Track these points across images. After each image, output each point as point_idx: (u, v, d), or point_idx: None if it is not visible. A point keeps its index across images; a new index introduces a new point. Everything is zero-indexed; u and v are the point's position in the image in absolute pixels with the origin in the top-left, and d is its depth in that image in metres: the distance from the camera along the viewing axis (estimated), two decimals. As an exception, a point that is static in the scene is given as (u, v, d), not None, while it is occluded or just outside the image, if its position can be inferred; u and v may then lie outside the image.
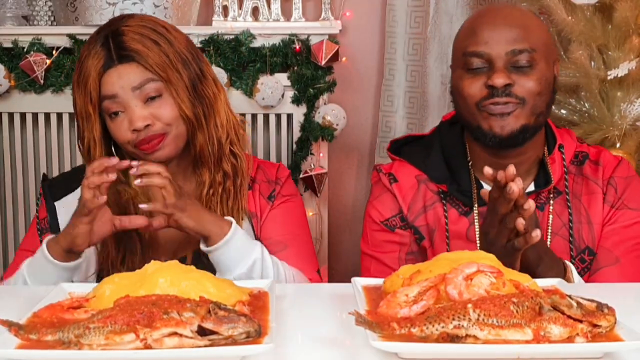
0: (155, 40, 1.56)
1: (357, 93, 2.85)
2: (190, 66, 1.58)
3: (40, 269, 1.50)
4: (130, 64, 1.54)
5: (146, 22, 1.59)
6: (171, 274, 1.15)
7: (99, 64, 1.54)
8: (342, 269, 2.83)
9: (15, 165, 2.61)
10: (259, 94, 2.48)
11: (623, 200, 1.64)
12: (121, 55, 1.54)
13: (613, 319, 1.06)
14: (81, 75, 1.56)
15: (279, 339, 1.08)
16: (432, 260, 1.26)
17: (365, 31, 2.82)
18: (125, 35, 1.55)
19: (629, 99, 2.26)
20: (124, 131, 1.55)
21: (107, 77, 1.54)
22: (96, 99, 1.54)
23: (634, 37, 2.22)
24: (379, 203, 1.71)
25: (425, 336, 1.03)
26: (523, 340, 1.02)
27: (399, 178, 1.70)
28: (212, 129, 1.60)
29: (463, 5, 2.66)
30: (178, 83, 1.56)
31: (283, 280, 1.57)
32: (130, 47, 1.54)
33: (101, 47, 1.55)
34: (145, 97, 1.55)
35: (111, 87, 1.54)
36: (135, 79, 1.54)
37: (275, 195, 1.69)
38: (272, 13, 2.60)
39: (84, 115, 1.57)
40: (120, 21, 1.59)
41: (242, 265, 1.53)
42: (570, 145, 1.70)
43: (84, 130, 1.58)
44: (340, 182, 2.88)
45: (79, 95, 1.56)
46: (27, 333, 1.03)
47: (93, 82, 1.53)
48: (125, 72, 1.54)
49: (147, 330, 0.99)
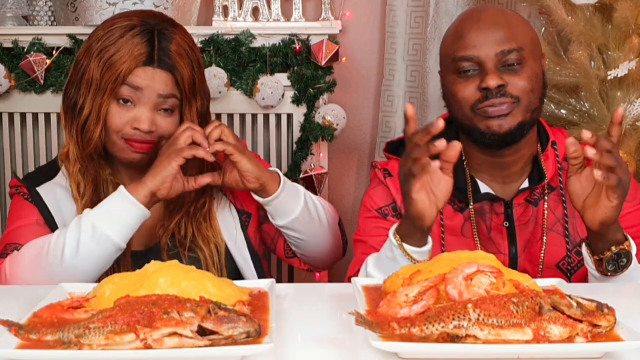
0: (191, 61, 1.62)
1: (357, 93, 2.85)
2: (205, 98, 1.68)
3: (119, 213, 1.51)
4: (167, 72, 1.59)
5: (188, 40, 1.65)
6: (171, 274, 1.15)
7: (140, 57, 1.57)
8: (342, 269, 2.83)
9: (16, 165, 2.61)
10: (259, 94, 2.48)
11: None
12: (162, 60, 1.58)
13: (613, 319, 1.07)
14: (109, 52, 1.57)
15: (279, 339, 1.08)
16: (432, 260, 1.26)
17: (365, 31, 2.82)
18: (171, 43, 1.60)
19: (629, 99, 2.26)
20: (123, 122, 1.58)
21: (142, 71, 1.58)
22: (120, 82, 1.57)
23: (634, 37, 2.22)
24: (374, 193, 1.74)
25: (425, 336, 1.03)
26: (523, 340, 1.02)
27: (393, 173, 1.72)
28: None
29: (463, 5, 2.65)
30: (194, 106, 1.63)
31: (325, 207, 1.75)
32: (173, 57, 1.59)
33: (146, 42, 1.58)
34: (160, 107, 1.60)
35: (141, 81, 1.58)
36: (165, 88, 1.59)
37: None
38: (272, 13, 2.60)
39: (95, 88, 1.57)
40: (166, 24, 1.63)
41: (299, 203, 1.66)
42: (563, 142, 1.70)
43: (84, 99, 1.59)
44: (340, 182, 2.88)
45: (96, 66, 1.58)
46: (27, 333, 1.03)
47: (127, 67, 1.56)
48: (159, 77, 1.59)
49: (147, 330, 0.99)
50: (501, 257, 1.63)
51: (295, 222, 1.67)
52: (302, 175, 2.56)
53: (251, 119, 2.58)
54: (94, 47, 1.59)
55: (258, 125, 2.59)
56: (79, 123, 1.60)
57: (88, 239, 1.49)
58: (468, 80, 1.59)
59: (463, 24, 1.63)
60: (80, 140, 1.62)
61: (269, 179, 1.60)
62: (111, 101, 1.58)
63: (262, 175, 1.58)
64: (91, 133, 1.59)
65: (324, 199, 1.82)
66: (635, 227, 1.63)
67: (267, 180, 1.60)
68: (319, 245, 1.74)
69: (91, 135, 1.59)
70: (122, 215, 1.51)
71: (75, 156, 1.63)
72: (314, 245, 1.73)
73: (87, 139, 1.60)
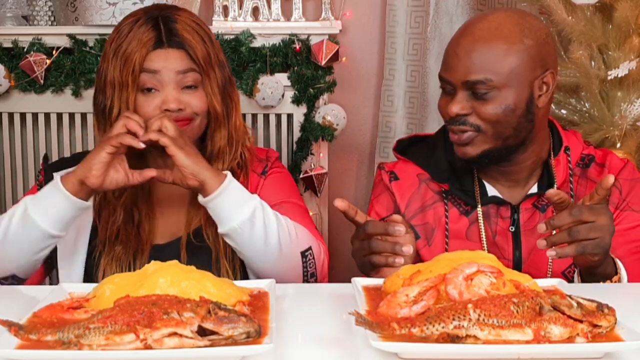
0: (202, 36, 1.64)
1: (357, 93, 2.85)
2: (224, 69, 1.68)
3: (46, 198, 1.51)
4: (179, 50, 1.61)
5: (195, 19, 1.68)
6: (171, 274, 1.15)
7: (149, 42, 1.60)
8: (342, 269, 2.83)
9: (15, 165, 2.61)
10: (259, 94, 2.48)
11: (627, 202, 1.66)
12: (172, 40, 1.61)
13: (613, 319, 1.07)
14: (122, 48, 1.60)
15: (279, 339, 1.08)
16: (432, 260, 1.26)
17: (365, 31, 2.82)
18: (177, 22, 1.63)
19: (629, 99, 2.26)
20: (152, 108, 1.60)
21: (154, 55, 1.60)
22: (138, 71, 1.59)
23: (634, 37, 2.22)
24: (377, 203, 1.74)
25: (426, 336, 1.03)
26: (523, 341, 1.02)
27: (400, 176, 1.72)
28: (232, 128, 1.68)
29: (463, 5, 2.66)
30: (213, 79, 1.64)
31: (285, 228, 1.57)
32: (181, 35, 1.62)
33: (152, 28, 1.61)
34: (183, 84, 1.61)
35: (157, 64, 1.60)
36: (182, 64, 1.61)
37: (267, 170, 1.75)
38: (272, 13, 2.60)
39: (118, 85, 1.60)
40: (169, 9, 1.67)
41: (243, 212, 1.53)
42: (577, 148, 1.71)
43: (112, 100, 1.61)
44: (340, 182, 2.88)
45: (114, 66, 1.61)
46: (27, 333, 1.03)
47: (139, 54, 1.59)
48: (173, 55, 1.61)
49: (147, 331, 0.99)
50: (505, 262, 1.61)
51: (234, 233, 1.54)
52: (302, 175, 2.56)
53: (251, 119, 2.58)
54: (109, 51, 1.63)
55: (258, 125, 2.59)
56: (111, 123, 1.60)
57: (17, 223, 1.52)
58: (445, 98, 1.62)
59: (451, 42, 1.62)
60: None
61: (209, 178, 1.52)
62: (136, 93, 1.60)
63: (200, 173, 1.51)
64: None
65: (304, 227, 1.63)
66: None
67: (205, 178, 1.52)
68: (264, 268, 1.59)
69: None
70: (51, 203, 1.51)
71: None
72: (255, 265, 1.60)
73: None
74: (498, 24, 1.57)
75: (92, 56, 2.48)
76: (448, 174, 1.69)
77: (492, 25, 1.57)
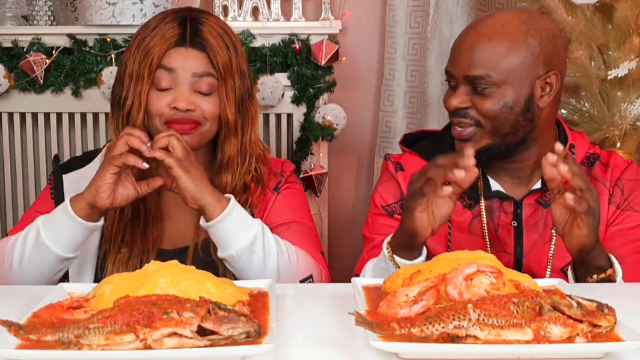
0: (226, 44, 1.63)
1: (357, 93, 2.85)
2: (245, 80, 1.67)
3: (59, 224, 1.51)
4: (201, 52, 1.60)
5: (222, 25, 1.67)
6: (171, 274, 1.15)
7: (172, 39, 1.59)
8: (342, 269, 2.82)
9: (15, 165, 2.61)
10: (259, 94, 2.48)
11: (629, 202, 1.66)
12: (195, 40, 1.60)
13: (613, 319, 1.06)
14: (145, 42, 1.60)
15: (279, 339, 1.08)
16: (432, 260, 1.26)
17: (365, 31, 2.82)
18: (204, 25, 1.62)
19: (629, 99, 2.26)
20: (163, 105, 1.59)
21: (175, 52, 1.60)
22: (155, 65, 1.59)
23: (634, 37, 2.22)
24: (383, 189, 1.75)
25: (426, 336, 1.03)
26: (523, 341, 1.02)
27: (405, 167, 1.74)
28: (246, 140, 1.67)
29: (463, 5, 2.66)
30: (230, 87, 1.62)
31: (286, 256, 1.57)
32: (205, 37, 1.61)
33: (178, 26, 1.61)
34: (198, 87, 1.61)
35: (174, 62, 1.59)
36: (200, 66, 1.60)
37: (280, 186, 1.73)
38: (272, 13, 2.60)
39: (135, 77, 1.60)
40: (200, 12, 1.68)
41: (243, 240, 1.53)
42: (582, 147, 1.72)
43: (127, 91, 1.61)
44: (340, 182, 2.88)
45: (135, 58, 1.61)
46: (27, 333, 1.03)
47: (159, 49, 1.59)
48: (193, 56, 1.60)
49: (147, 331, 0.99)
50: (506, 257, 1.63)
51: (232, 259, 1.54)
52: (302, 175, 2.56)
53: (251, 118, 2.57)
54: (133, 43, 1.64)
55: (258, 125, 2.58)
56: (124, 114, 1.62)
57: (31, 248, 1.52)
58: (449, 92, 1.63)
59: (458, 37, 1.64)
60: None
61: (210, 205, 1.51)
62: (151, 88, 1.60)
63: (201, 198, 1.51)
64: (134, 120, 1.60)
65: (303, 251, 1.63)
66: None
67: (207, 204, 1.51)
68: None
69: (134, 122, 1.60)
70: (63, 228, 1.51)
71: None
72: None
73: (131, 126, 1.60)
74: (504, 22, 1.59)
75: (92, 56, 2.48)
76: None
77: (498, 22, 1.59)
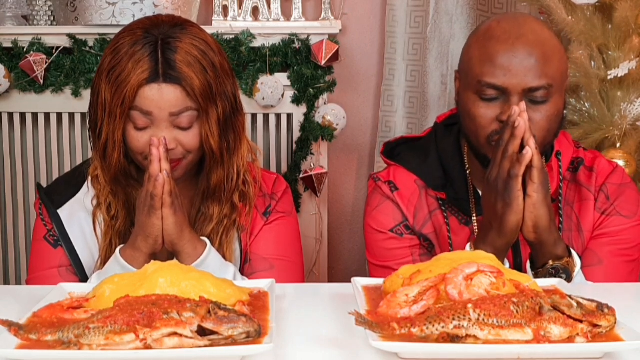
0: (204, 67, 1.51)
1: (357, 93, 2.85)
2: (228, 98, 1.55)
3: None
4: (175, 86, 1.49)
5: (199, 43, 1.53)
6: (171, 274, 1.15)
7: (143, 75, 1.48)
8: (342, 269, 2.83)
9: (15, 166, 2.60)
10: (259, 94, 2.48)
11: (615, 207, 1.62)
12: (168, 75, 1.48)
13: (613, 319, 1.07)
14: (116, 71, 1.50)
15: (279, 339, 1.08)
16: (432, 260, 1.26)
17: (365, 31, 2.82)
18: (177, 53, 1.49)
19: (629, 99, 2.26)
20: (143, 143, 1.51)
21: (148, 90, 1.49)
22: (128, 105, 1.49)
23: (634, 37, 2.22)
24: (379, 213, 1.66)
25: (426, 336, 1.03)
26: (523, 341, 1.02)
27: (399, 186, 1.65)
28: (234, 163, 1.58)
29: (463, 5, 2.66)
30: (212, 115, 1.52)
31: None
32: (179, 69, 1.49)
33: (149, 56, 1.48)
34: (178, 124, 1.51)
35: (149, 104, 1.49)
36: (177, 103, 1.49)
37: (270, 211, 1.66)
38: (272, 13, 2.60)
39: (108, 112, 1.51)
40: (172, 29, 1.52)
41: None
42: (568, 151, 1.67)
43: (101, 125, 1.53)
44: (340, 182, 2.88)
45: (107, 89, 1.50)
46: (27, 333, 1.03)
47: (131, 89, 1.48)
48: (167, 92, 1.49)
49: (147, 331, 0.99)
50: None
51: None
52: (302, 175, 2.56)
53: (251, 118, 2.57)
54: (104, 66, 1.53)
55: (258, 125, 2.59)
56: (100, 147, 1.55)
57: None
58: (489, 106, 1.51)
59: (496, 46, 1.50)
60: (104, 164, 1.57)
61: (185, 252, 1.49)
62: (127, 124, 1.52)
63: (178, 245, 1.48)
64: (110, 158, 1.54)
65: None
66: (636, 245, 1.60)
67: (182, 252, 1.48)
68: None
69: (110, 160, 1.54)
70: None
71: (104, 180, 1.58)
72: None
73: (108, 163, 1.55)
74: (533, 28, 1.51)
75: (92, 56, 2.48)
76: (443, 181, 1.64)
77: (537, 28, 1.51)
